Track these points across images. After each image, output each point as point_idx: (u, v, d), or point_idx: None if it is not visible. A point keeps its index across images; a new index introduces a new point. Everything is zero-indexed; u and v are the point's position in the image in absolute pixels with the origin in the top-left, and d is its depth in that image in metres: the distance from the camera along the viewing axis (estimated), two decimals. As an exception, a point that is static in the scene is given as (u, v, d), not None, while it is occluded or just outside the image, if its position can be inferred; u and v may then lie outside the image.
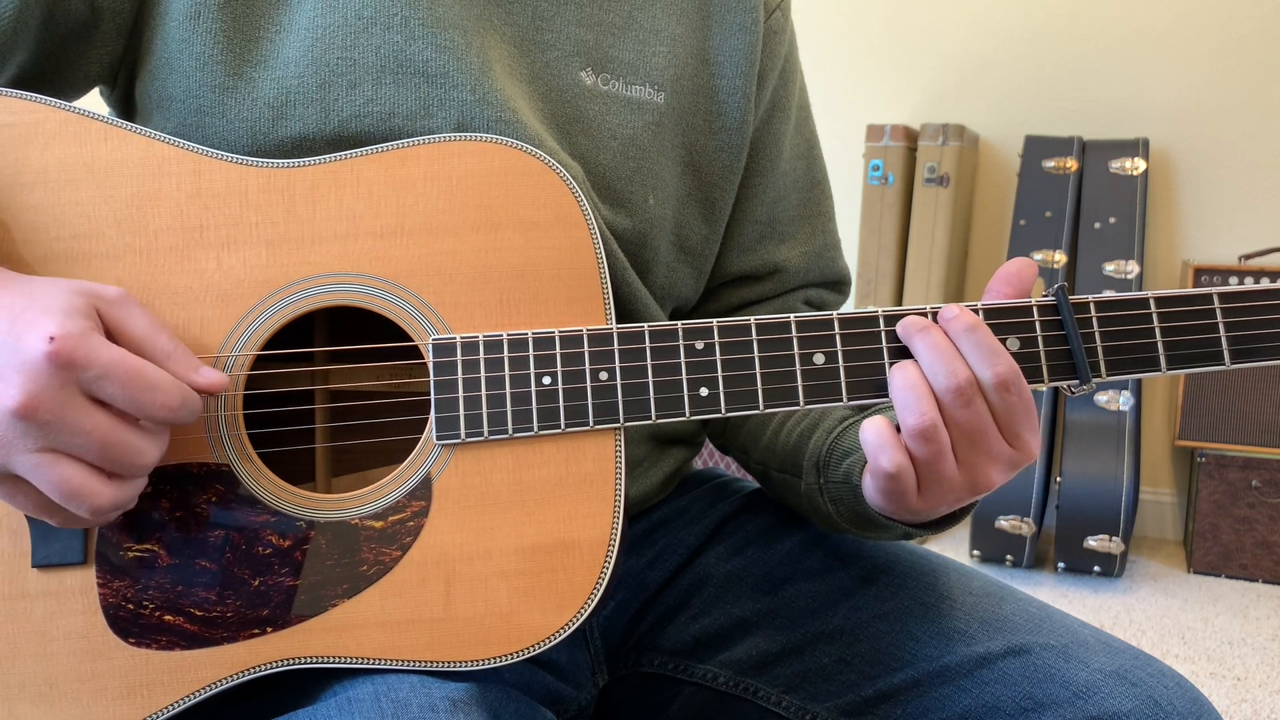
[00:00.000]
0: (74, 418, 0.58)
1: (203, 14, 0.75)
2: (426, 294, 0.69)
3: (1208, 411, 2.66)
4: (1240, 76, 2.78)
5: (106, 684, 0.66)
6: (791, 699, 0.82)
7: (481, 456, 0.69)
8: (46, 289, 0.61)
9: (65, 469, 0.59)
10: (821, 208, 1.00)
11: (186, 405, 0.62)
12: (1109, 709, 0.70)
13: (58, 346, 0.57)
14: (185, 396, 0.62)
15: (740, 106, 0.90)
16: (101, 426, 0.59)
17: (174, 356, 0.63)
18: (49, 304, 0.59)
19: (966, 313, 0.69)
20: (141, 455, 0.61)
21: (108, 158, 0.69)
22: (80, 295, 0.60)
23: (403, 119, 0.75)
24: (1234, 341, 0.72)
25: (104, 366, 0.58)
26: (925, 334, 0.69)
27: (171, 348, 0.63)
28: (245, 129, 0.75)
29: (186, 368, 0.63)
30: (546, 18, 0.82)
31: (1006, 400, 0.68)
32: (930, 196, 2.76)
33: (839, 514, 0.80)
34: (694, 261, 0.91)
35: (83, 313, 0.59)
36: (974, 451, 0.68)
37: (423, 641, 0.67)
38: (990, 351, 0.67)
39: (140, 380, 0.60)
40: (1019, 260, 0.72)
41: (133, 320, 0.62)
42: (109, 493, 0.60)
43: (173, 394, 0.61)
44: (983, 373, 0.67)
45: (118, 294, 0.62)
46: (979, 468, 0.69)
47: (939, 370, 0.67)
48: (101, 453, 0.59)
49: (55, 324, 0.58)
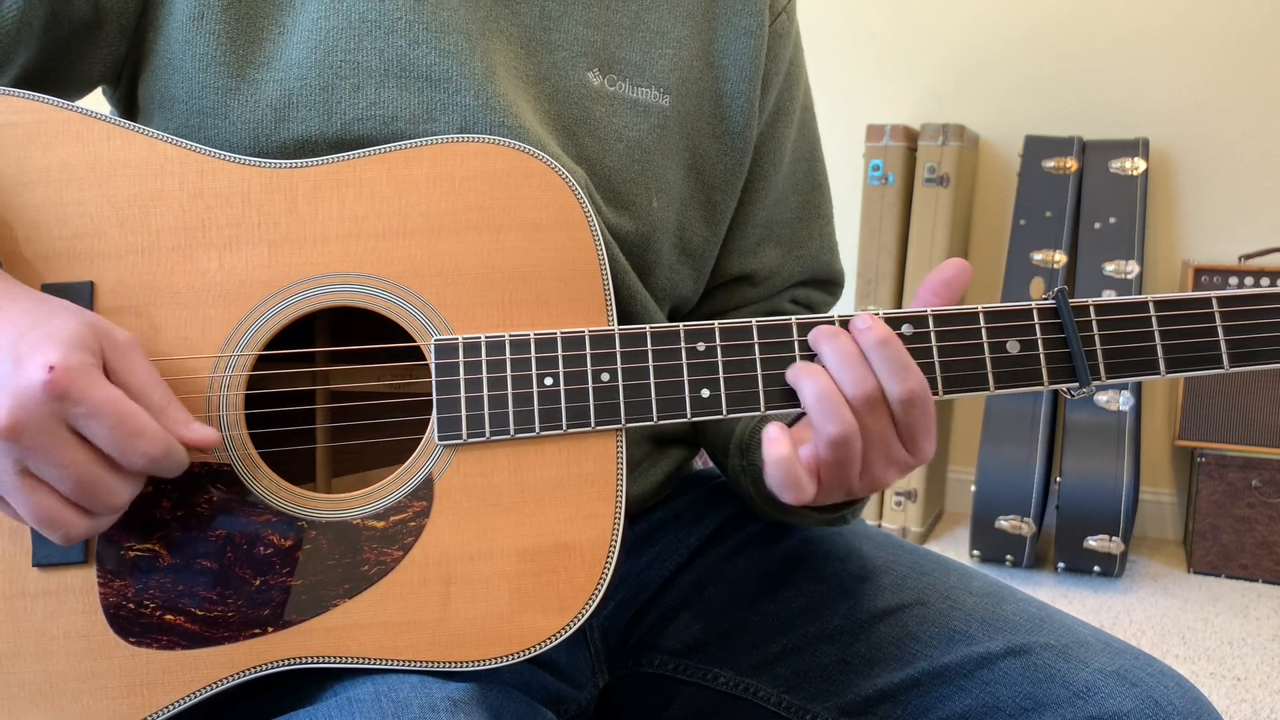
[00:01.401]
0: (55, 449, 0.58)
1: (206, 15, 0.75)
2: (429, 295, 0.70)
3: (1208, 411, 2.66)
4: (1240, 76, 2.78)
5: (107, 683, 0.66)
6: (791, 699, 0.82)
7: (483, 457, 0.69)
8: (58, 312, 0.61)
9: (41, 496, 0.60)
10: (821, 210, 1.00)
11: (170, 457, 0.62)
12: (1109, 709, 0.70)
13: (55, 377, 0.57)
14: (170, 448, 0.62)
15: (744, 110, 0.90)
16: (79, 462, 0.59)
17: (167, 411, 0.63)
18: (57, 330, 0.59)
19: (879, 325, 0.68)
20: (114, 496, 0.61)
21: (110, 157, 0.69)
22: (90, 329, 0.61)
23: (405, 122, 0.75)
24: (1233, 345, 0.72)
25: (95, 405, 0.59)
26: (833, 340, 0.69)
27: (166, 402, 0.63)
28: (248, 130, 0.75)
29: (177, 423, 0.63)
30: (554, 18, 0.82)
31: (910, 414, 0.68)
32: (930, 196, 2.76)
33: (758, 496, 0.83)
34: (694, 263, 0.91)
35: (88, 348, 0.60)
36: (874, 453, 0.69)
37: (423, 642, 0.67)
38: (902, 366, 0.68)
39: (128, 425, 0.60)
40: (954, 263, 0.71)
41: (135, 368, 0.63)
42: (82, 525, 0.61)
43: (157, 443, 0.61)
44: (891, 387, 0.68)
45: (127, 340, 0.63)
46: (876, 470, 0.70)
47: (847, 379, 0.68)
48: (75, 487, 0.60)
49: (58, 353, 0.58)
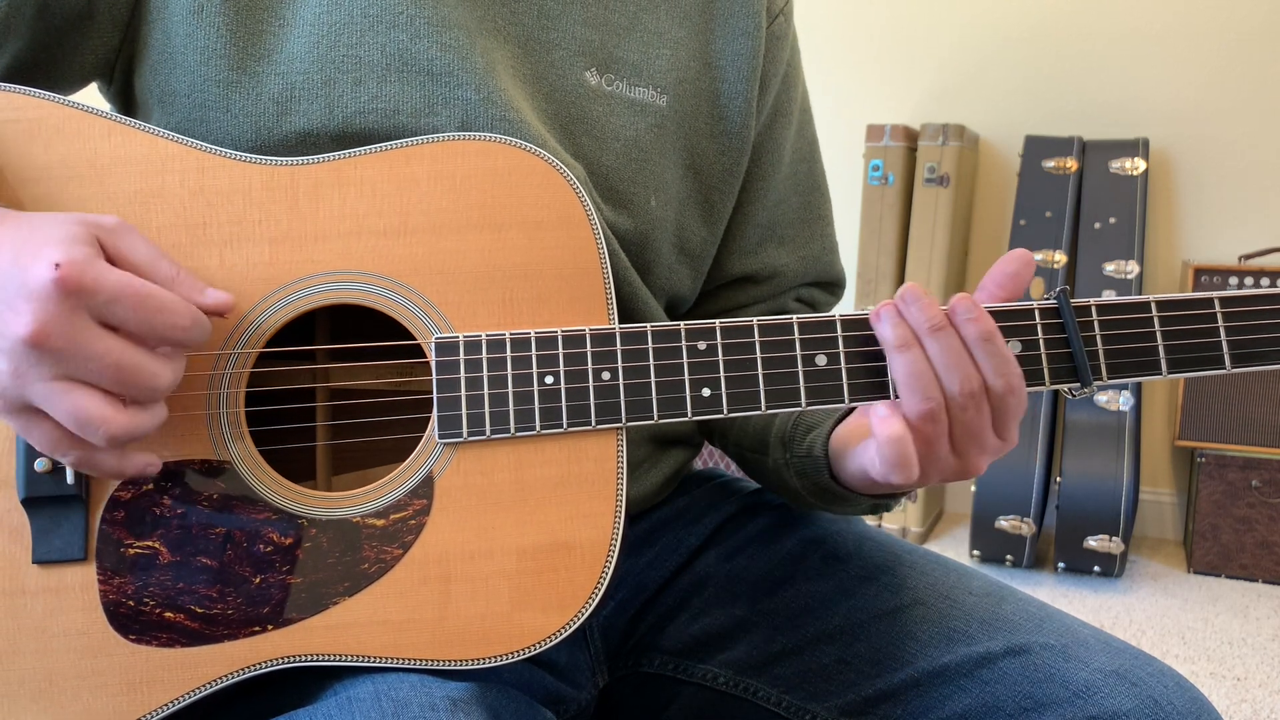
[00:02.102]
0: (86, 343, 0.58)
1: (205, 8, 0.75)
2: (429, 293, 0.69)
3: (1208, 411, 2.66)
4: (1240, 76, 2.78)
5: (106, 680, 0.66)
6: (791, 699, 0.82)
7: (483, 455, 0.69)
8: (45, 221, 0.61)
9: (79, 396, 0.59)
10: (821, 211, 1.00)
11: (197, 325, 0.62)
12: (1109, 708, 0.70)
13: (65, 273, 0.57)
14: (195, 316, 0.62)
15: (742, 111, 0.90)
16: (114, 350, 0.59)
17: (178, 280, 0.63)
18: (50, 234, 0.59)
19: (984, 318, 0.69)
20: (156, 378, 0.61)
21: (111, 154, 0.69)
22: (80, 224, 0.60)
23: (407, 116, 0.75)
24: (1234, 346, 0.72)
25: (113, 290, 0.58)
26: (941, 336, 0.69)
27: (175, 271, 0.63)
28: (249, 124, 0.75)
29: (192, 290, 0.64)
30: (552, 17, 0.82)
31: (1006, 403, 0.69)
32: (930, 196, 2.76)
33: (804, 488, 0.83)
34: (693, 263, 0.92)
35: (85, 240, 0.59)
36: (969, 443, 0.70)
37: (423, 640, 0.67)
38: (1004, 361, 0.68)
39: (151, 302, 0.60)
40: (1019, 255, 0.72)
41: (134, 247, 0.62)
42: (123, 419, 0.60)
43: (183, 314, 0.61)
44: (994, 381, 0.68)
45: (115, 222, 0.62)
46: (970, 456, 0.71)
47: (954, 375, 0.68)
48: (116, 376, 0.59)
49: (60, 252, 0.57)
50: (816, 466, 0.80)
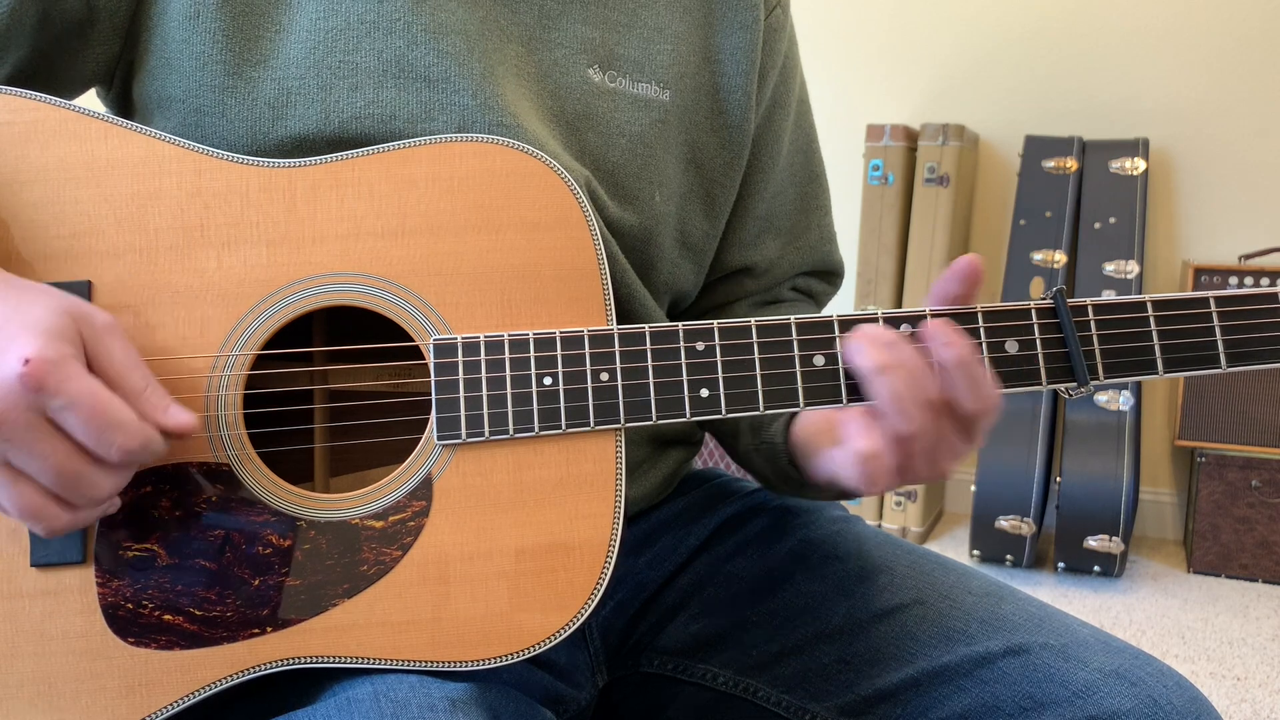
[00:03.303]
0: (33, 441, 0.58)
1: (201, 14, 0.75)
2: (428, 294, 0.69)
3: (1208, 411, 2.66)
4: (1240, 76, 2.78)
5: (105, 683, 0.66)
6: (791, 699, 0.82)
7: (482, 457, 0.69)
8: (35, 301, 0.60)
9: (22, 488, 0.59)
10: (819, 201, 1.00)
11: (147, 448, 0.61)
12: (1108, 708, 0.70)
13: (31, 370, 0.56)
14: (147, 439, 0.61)
15: (742, 104, 0.90)
16: (59, 454, 0.58)
17: (145, 395, 0.62)
18: (33, 320, 0.59)
19: (959, 344, 0.67)
20: (95, 489, 0.60)
21: (108, 156, 0.69)
22: (67, 316, 0.60)
23: (403, 122, 0.75)
24: (1230, 345, 0.72)
25: (71, 398, 0.58)
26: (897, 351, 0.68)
27: (144, 385, 0.62)
28: (245, 128, 0.75)
29: (155, 408, 0.62)
30: (552, 16, 0.83)
31: (979, 422, 0.69)
32: (930, 196, 2.76)
33: (771, 474, 0.86)
34: (695, 257, 0.92)
35: (65, 337, 0.59)
36: (942, 453, 0.69)
37: (423, 641, 0.67)
38: (979, 384, 0.67)
39: (104, 418, 0.59)
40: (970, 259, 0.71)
41: (113, 352, 0.62)
42: (64, 518, 0.60)
43: (134, 436, 0.60)
44: (971, 405, 0.68)
45: (105, 322, 0.62)
46: (942, 464, 0.70)
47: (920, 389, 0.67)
48: (56, 479, 0.59)
49: (34, 346, 0.57)
50: (775, 452, 0.82)
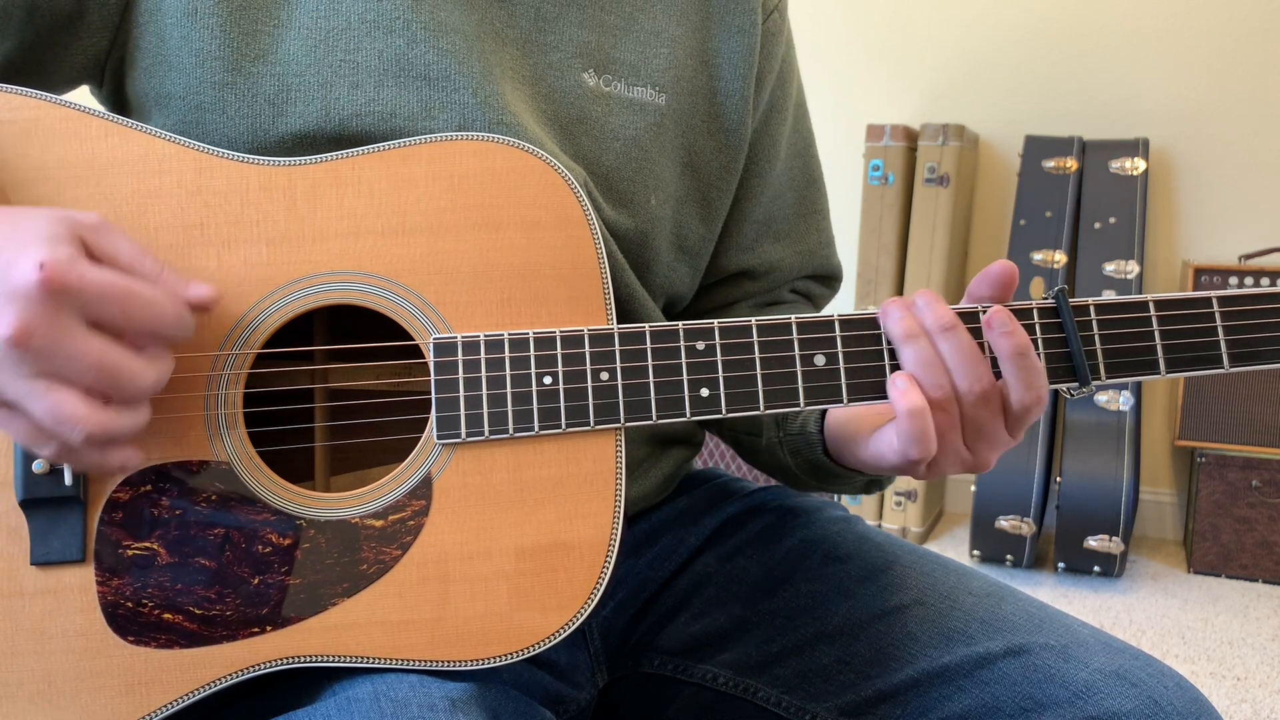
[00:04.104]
0: (69, 343, 0.58)
1: (200, 10, 0.75)
2: (427, 293, 0.69)
3: (1208, 411, 2.66)
4: (1240, 76, 2.78)
5: (105, 682, 0.66)
6: (791, 699, 0.82)
7: (482, 456, 0.69)
8: (26, 217, 0.60)
9: (59, 395, 0.58)
10: (817, 205, 1.00)
11: (181, 320, 0.62)
12: (1109, 709, 0.70)
13: (49, 273, 0.56)
14: (180, 311, 0.62)
15: (739, 108, 0.90)
16: (96, 350, 0.58)
17: (162, 276, 0.63)
18: (32, 232, 0.59)
19: (1018, 333, 0.70)
20: (138, 378, 0.60)
21: (108, 155, 0.69)
22: (62, 223, 0.60)
23: (404, 120, 0.75)
24: (1233, 345, 0.72)
25: (97, 289, 0.58)
26: (950, 335, 0.70)
27: (159, 268, 0.63)
28: (245, 125, 0.75)
29: (175, 284, 0.63)
30: (549, 19, 0.82)
31: (1031, 411, 0.71)
32: (930, 196, 2.76)
33: (797, 465, 0.85)
34: (692, 261, 0.92)
35: (68, 239, 0.59)
36: (979, 439, 0.72)
37: (422, 641, 0.67)
38: (1037, 374, 0.70)
39: (135, 299, 0.59)
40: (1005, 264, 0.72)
41: (116, 244, 0.62)
42: (101, 418, 0.59)
43: (168, 309, 0.61)
44: (1023, 394, 0.70)
45: (97, 220, 0.62)
46: (981, 451, 0.72)
47: (965, 375, 0.69)
48: (98, 376, 0.59)
49: (44, 251, 0.57)
50: (809, 443, 0.82)
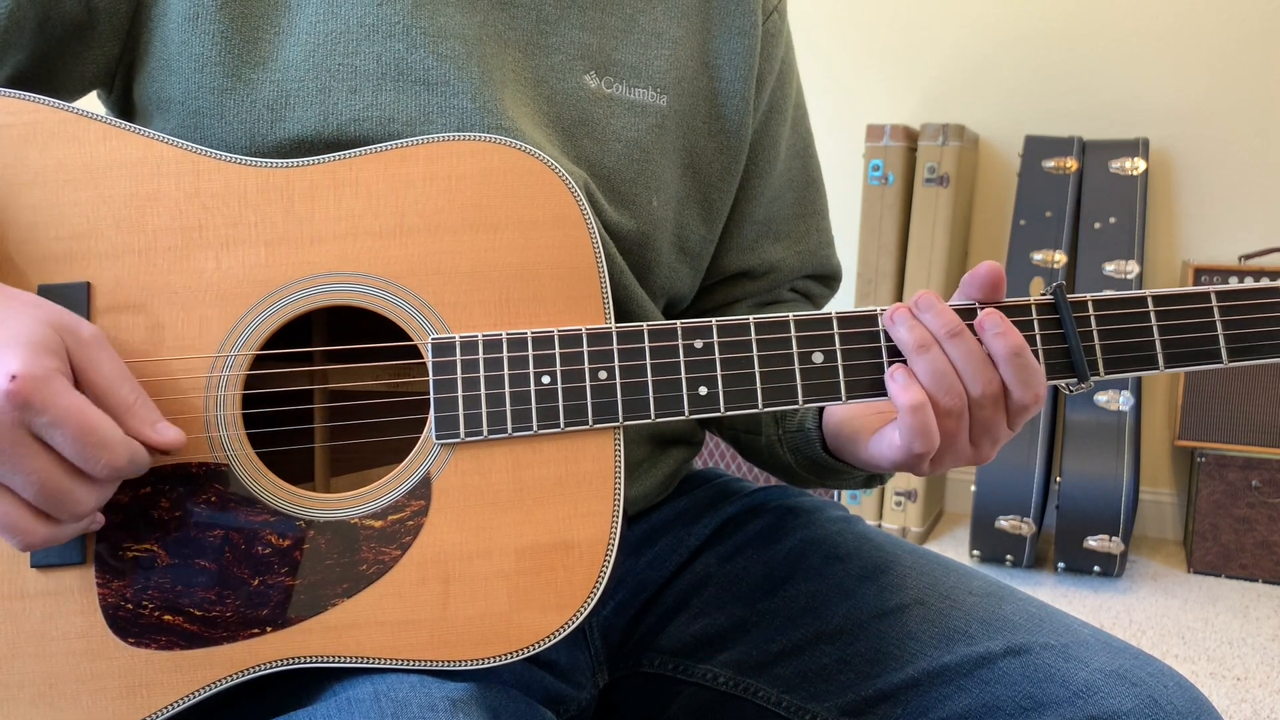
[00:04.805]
0: (19, 458, 0.58)
1: (201, 16, 0.75)
2: (426, 293, 0.69)
3: (1208, 411, 2.66)
4: (1240, 77, 2.78)
5: (106, 684, 0.66)
6: (791, 699, 0.82)
7: (480, 456, 0.69)
8: (20, 313, 0.60)
9: (3, 503, 0.59)
10: (816, 206, 1.01)
11: (134, 464, 0.62)
12: (1109, 708, 0.70)
13: (18, 387, 0.56)
14: (133, 456, 0.61)
15: (739, 109, 0.90)
16: (43, 470, 0.58)
17: (134, 410, 0.62)
18: (19, 333, 0.58)
19: (1012, 333, 0.70)
20: (79, 505, 0.60)
21: (106, 158, 0.69)
22: (53, 329, 0.60)
23: (402, 125, 0.75)
24: (1232, 340, 0.72)
25: (58, 414, 0.58)
26: (958, 341, 0.70)
27: (133, 400, 0.62)
28: (244, 130, 0.75)
29: (144, 423, 0.63)
30: (550, 22, 0.83)
31: (1030, 409, 0.71)
32: (930, 196, 2.76)
33: (797, 462, 0.86)
34: (692, 261, 0.92)
35: (52, 350, 0.59)
36: (984, 436, 0.72)
37: (422, 641, 0.67)
38: (1034, 373, 0.70)
39: (91, 436, 0.59)
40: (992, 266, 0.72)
41: (101, 365, 0.62)
42: (43, 532, 0.60)
43: (120, 454, 0.60)
44: (1021, 393, 0.70)
45: (92, 335, 0.62)
46: (984, 447, 0.73)
47: (976, 380, 0.70)
48: (39, 494, 0.59)
49: (20, 361, 0.57)
50: (808, 440, 0.82)
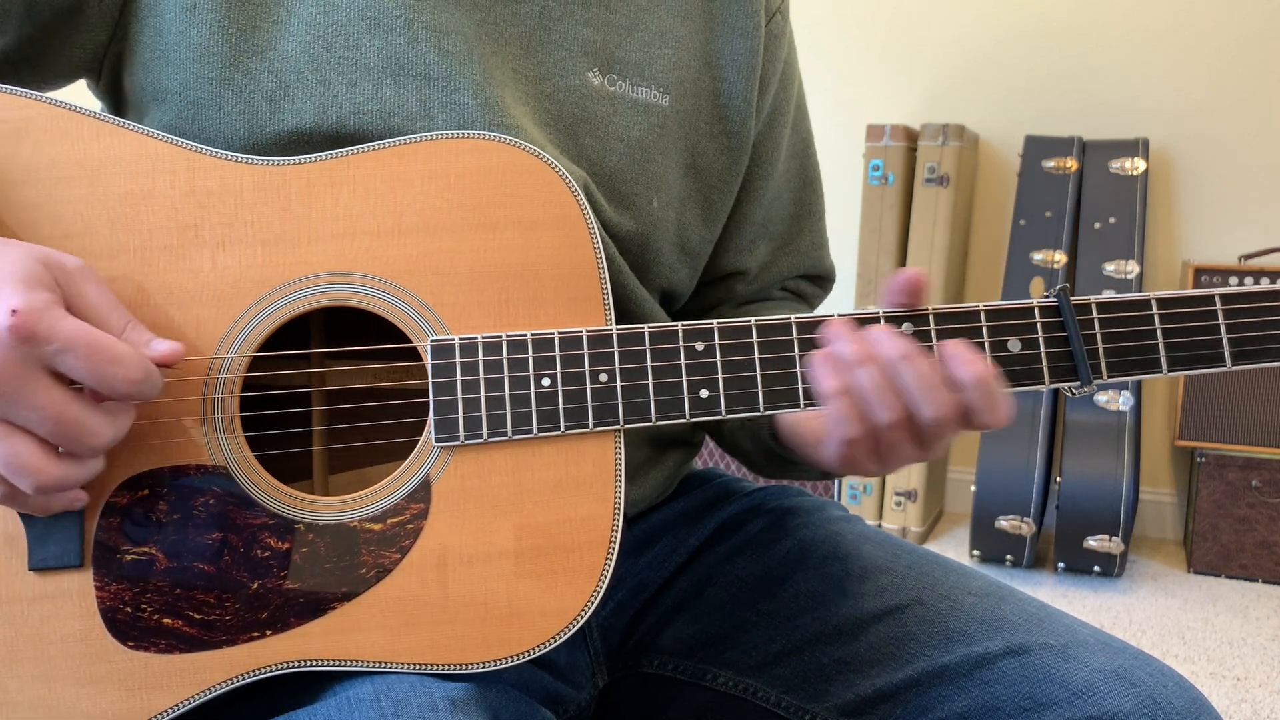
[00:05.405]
0: (31, 392, 0.57)
1: (199, 5, 0.75)
2: (425, 294, 0.69)
3: (1208, 411, 2.66)
4: (1240, 77, 2.78)
5: (105, 687, 0.66)
6: (791, 699, 0.82)
7: (480, 458, 0.68)
8: (6, 254, 0.60)
9: (15, 442, 0.58)
10: (813, 206, 1.00)
11: (149, 379, 0.61)
12: (1108, 709, 0.70)
13: (20, 320, 0.56)
14: (147, 369, 0.61)
15: (742, 111, 0.90)
16: (57, 402, 0.58)
17: (129, 332, 0.62)
18: (9, 273, 0.58)
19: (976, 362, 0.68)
20: (95, 435, 0.60)
21: (100, 155, 0.69)
22: (42, 264, 0.59)
23: (402, 119, 0.75)
24: (1235, 343, 0.72)
25: (66, 340, 0.57)
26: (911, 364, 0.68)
27: (125, 323, 0.62)
28: (242, 121, 0.74)
29: (139, 343, 0.63)
30: (554, 18, 0.82)
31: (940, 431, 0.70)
32: (930, 196, 2.76)
33: (756, 451, 0.88)
34: (692, 261, 0.92)
35: (45, 284, 0.59)
36: (891, 455, 0.71)
37: (423, 645, 0.66)
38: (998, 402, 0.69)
39: (104, 354, 0.59)
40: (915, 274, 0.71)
41: (90, 293, 0.61)
42: (56, 472, 0.59)
43: (135, 367, 0.60)
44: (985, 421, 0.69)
45: (77, 265, 0.62)
46: (931, 449, 0.72)
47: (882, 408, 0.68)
48: (55, 428, 0.58)
49: (18, 296, 0.57)
50: (759, 429, 0.86)
